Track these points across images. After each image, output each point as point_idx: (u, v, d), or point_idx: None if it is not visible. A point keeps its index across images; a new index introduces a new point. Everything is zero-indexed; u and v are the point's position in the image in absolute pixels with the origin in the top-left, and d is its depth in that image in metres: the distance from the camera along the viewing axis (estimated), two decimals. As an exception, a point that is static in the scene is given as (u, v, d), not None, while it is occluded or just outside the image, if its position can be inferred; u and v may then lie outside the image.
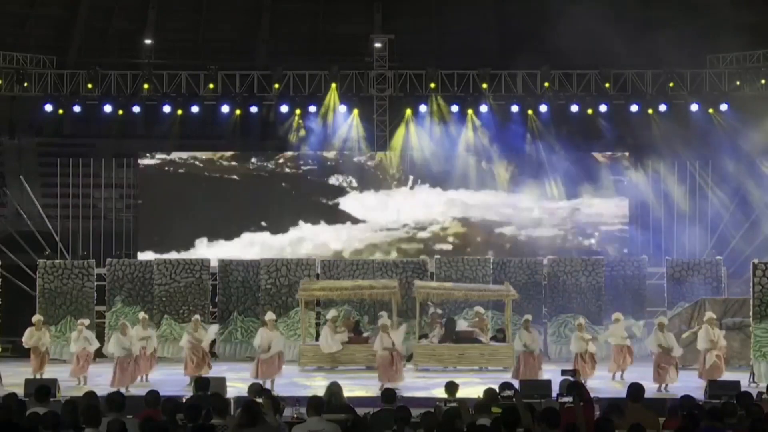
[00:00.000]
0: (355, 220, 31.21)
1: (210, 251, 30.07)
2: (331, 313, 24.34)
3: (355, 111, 31.44)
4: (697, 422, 10.18)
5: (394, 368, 20.74)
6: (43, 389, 12.01)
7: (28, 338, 22.45)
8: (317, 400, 11.29)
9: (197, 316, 23.02)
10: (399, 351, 21.05)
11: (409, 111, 31.35)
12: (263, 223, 31.01)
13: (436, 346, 23.84)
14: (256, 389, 13.18)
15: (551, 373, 20.90)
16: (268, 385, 19.58)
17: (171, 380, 21.84)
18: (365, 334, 24.73)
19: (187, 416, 10.45)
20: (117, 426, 9.66)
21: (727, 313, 24.32)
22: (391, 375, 20.60)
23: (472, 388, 17.57)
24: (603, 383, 21.28)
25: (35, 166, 33.84)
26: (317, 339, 26.49)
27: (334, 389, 13.41)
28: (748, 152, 30.34)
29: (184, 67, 31.42)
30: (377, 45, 31.28)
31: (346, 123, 31.48)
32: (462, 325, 24.86)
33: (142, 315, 23.43)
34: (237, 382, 19.76)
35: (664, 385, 20.78)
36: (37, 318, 23.12)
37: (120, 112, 31.29)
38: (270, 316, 22.09)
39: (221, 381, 17.70)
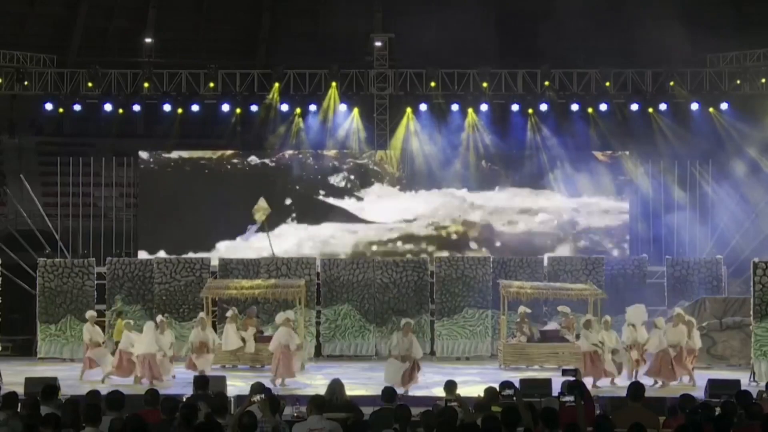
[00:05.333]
0: (355, 219, 31.19)
1: (210, 250, 30.05)
2: (230, 312, 23.77)
3: (356, 110, 31.44)
4: (700, 424, 10.16)
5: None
6: (48, 388, 12.00)
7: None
8: (318, 398, 11.29)
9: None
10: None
11: (409, 110, 31.35)
12: (263, 222, 30.99)
13: (526, 345, 23.80)
14: (256, 389, 13.13)
15: (551, 372, 20.98)
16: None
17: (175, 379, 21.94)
18: (266, 333, 24.21)
19: (184, 415, 10.44)
20: (119, 425, 9.66)
21: (728, 312, 24.33)
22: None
23: (472, 387, 17.58)
24: (603, 383, 21.27)
25: (35, 165, 33.86)
26: (318, 338, 26.57)
27: (335, 387, 13.40)
28: (748, 151, 30.36)
29: (185, 66, 31.42)
30: (377, 44, 31.27)
31: (346, 122, 31.47)
32: (549, 324, 24.80)
33: (160, 318, 23.19)
34: (237, 380, 19.77)
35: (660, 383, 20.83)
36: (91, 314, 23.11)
37: (120, 111, 31.30)
38: (290, 315, 21.98)
39: (221, 380, 17.71)
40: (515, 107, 31.12)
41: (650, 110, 31.15)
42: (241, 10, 36.12)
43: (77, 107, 31.06)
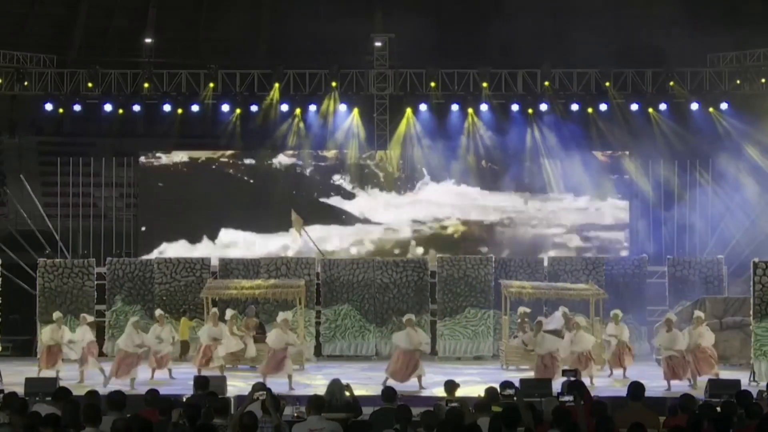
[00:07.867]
0: (355, 219, 31.20)
1: (210, 250, 30.05)
2: (230, 312, 23.59)
3: (356, 110, 31.43)
4: (700, 424, 10.16)
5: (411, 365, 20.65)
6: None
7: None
8: (318, 399, 11.30)
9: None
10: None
11: (409, 110, 31.34)
12: (263, 222, 30.98)
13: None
14: (258, 388, 13.11)
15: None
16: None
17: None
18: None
19: (187, 415, 10.44)
20: (121, 425, 9.66)
21: (728, 311, 24.31)
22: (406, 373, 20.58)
23: (472, 387, 17.58)
24: (603, 383, 21.29)
25: (35, 165, 33.85)
26: (318, 338, 26.57)
27: (335, 388, 13.40)
28: (748, 151, 30.35)
29: (185, 66, 31.42)
30: (377, 44, 31.26)
31: (346, 122, 31.46)
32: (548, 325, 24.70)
33: (158, 312, 23.22)
34: (237, 381, 19.78)
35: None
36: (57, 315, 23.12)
37: (120, 111, 31.30)
38: (283, 316, 21.94)
39: (221, 380, 17.70)
40: (515, 107, 31.10)
41: (650, 110, 31.14)
42: (241, 10, 36.11)
43: (77, 107, 31.06)
